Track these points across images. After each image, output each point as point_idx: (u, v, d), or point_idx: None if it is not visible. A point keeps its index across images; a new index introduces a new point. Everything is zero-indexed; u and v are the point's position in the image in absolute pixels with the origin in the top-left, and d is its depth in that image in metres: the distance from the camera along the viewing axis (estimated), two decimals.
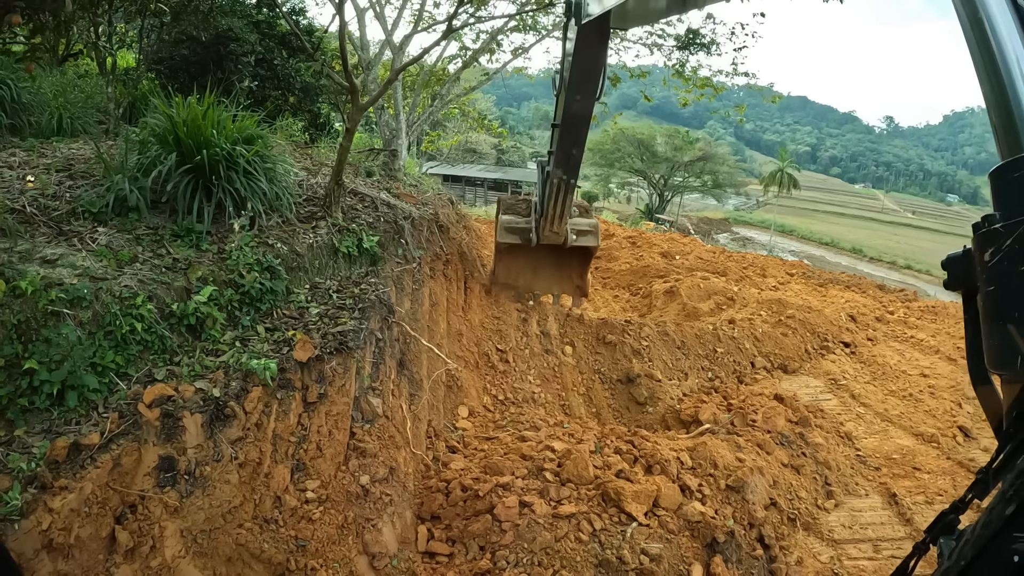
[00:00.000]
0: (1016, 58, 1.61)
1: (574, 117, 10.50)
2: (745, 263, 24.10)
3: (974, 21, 1.71)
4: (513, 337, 12.26)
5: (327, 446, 6.64)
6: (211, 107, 7.73)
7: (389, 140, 15.79)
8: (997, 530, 1.29)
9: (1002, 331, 1.48)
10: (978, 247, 1.59)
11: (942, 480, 10.37)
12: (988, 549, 1.31)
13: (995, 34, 1.65)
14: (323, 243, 8.35)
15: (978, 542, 1.34)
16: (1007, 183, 1.54)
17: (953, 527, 1.61)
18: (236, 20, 12.57)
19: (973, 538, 1.36)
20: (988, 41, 1.66)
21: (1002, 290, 1.49)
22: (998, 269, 1.49)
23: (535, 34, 18.96)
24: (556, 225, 12.49)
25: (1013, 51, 1.61)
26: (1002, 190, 1.56)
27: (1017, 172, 1.51)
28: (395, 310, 8.34)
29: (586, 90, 10.06)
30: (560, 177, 11.48)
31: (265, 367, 6.09)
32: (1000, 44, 1.64)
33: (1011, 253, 1.46)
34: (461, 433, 9.28)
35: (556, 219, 12.33)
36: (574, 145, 11.03)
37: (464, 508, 7.32)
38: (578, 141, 11.05)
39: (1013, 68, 1.60)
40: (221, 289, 6.80)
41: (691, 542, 7.41)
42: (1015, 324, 1.45)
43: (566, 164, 11.27)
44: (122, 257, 6.41)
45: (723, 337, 14.24)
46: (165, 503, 5.23)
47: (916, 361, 15.40)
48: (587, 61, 9.69)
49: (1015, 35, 1.63)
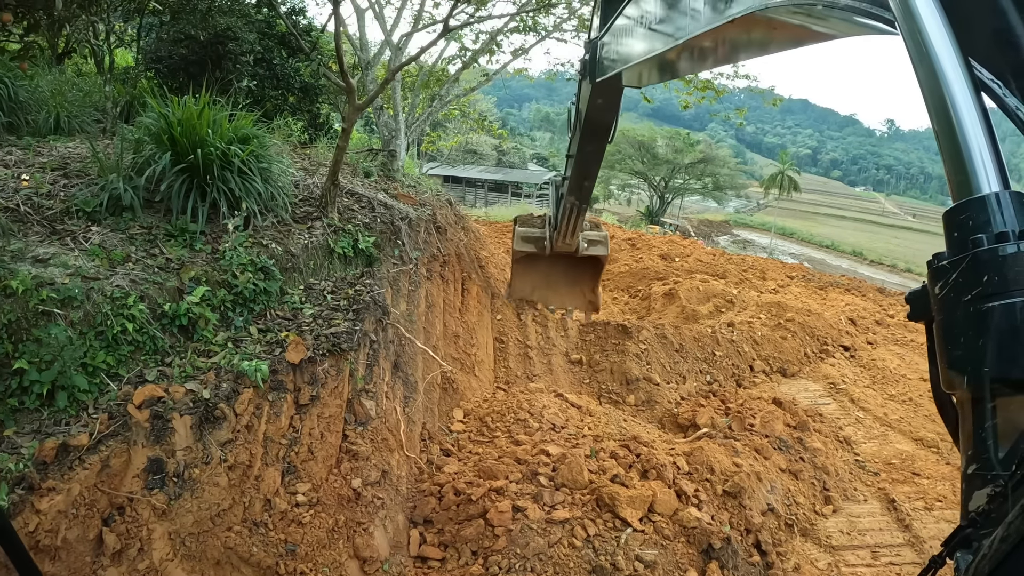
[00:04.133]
0: (970, 122, 1.75)
1: (587, 157, 11.58)
2: (745, 266, 24.02)
3: (933, 88, 1.86)
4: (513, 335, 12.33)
5: (319, 449, 6.59)
6: (206, 106, 7.68)
7: (388, 141, 15.73)
8: (1015, 544, 1.27)
9: (951, 355, 1.65)
10: (931, 281, 1.76)
11: (941, 485, 10.30)
12: (1006, 564, 1.29)
13: (952, 100, 1.79)
14: (318, 244, 8.29)
15: (995, 557, 1.31)
16: (955, 224, 1.70)
17: (970, 541, 1.59)
18: (235, 19, 12.53)
19: (991, 553, 1.33)
20: (945, 104, 1.80)
21: (949, 319, 1.66)
22: (946, 301, 1.67)
23: (535, 35, 18.91)
24: (569, 238, 13.73)
25: (967, 116, 1.75)
26: (951, 230, 1.72)
27: (963, 214, 1.68)
28: (390, 311, 8.28)
29: (598, 137, 11.02)
30: (573, 203, 12.76)
31: (256, 369, 6.04)
32: (956, 107, 1.78)
33: (956, 286, 1.64)
34: (456, 436, 9.22)
35: (569, 234, 13.59)
36: (586, 178, 12.23)
37: (457, 512, 7.26)
38: (589, 175, 12.22)
39: (967, 130, 1.74)
40: (214, 289, 6.75)
41: (687, 548, 7.35)
42: (960, 348, 1.61)
43: (578, 192, 12.56)
44: (115, 257, 6.37)
45: (722, 340, 14.19)
46: (153, 505, 5.19)
47: (916, 365, 15.33)
48: (599, 114, 10.48)
49: (969, 102, 1.77)
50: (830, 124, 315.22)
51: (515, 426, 9.31)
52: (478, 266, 13.01)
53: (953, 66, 1.83)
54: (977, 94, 1.80)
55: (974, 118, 1.75)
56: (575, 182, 12.24)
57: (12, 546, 1.99)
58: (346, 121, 9.35)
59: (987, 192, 1.66)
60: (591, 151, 11.44)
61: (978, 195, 1.67)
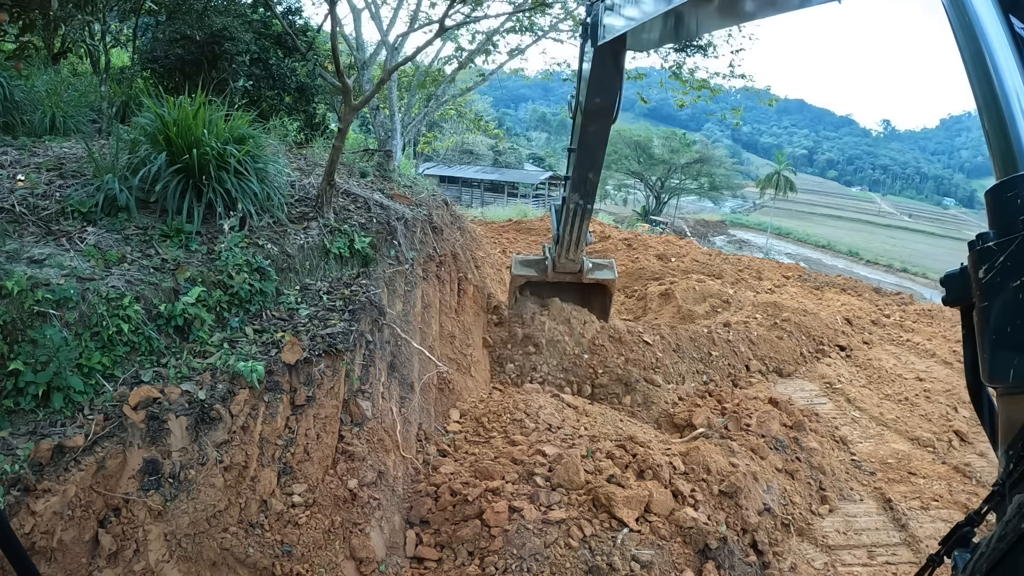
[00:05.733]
0: (1014, 87, 1.65)
1: (590, 140, 10.58)
2: (741, 266, 24.04)
3: (975, 52, 1.75)
4: None
5: (315, 449, 6.59)
6: (202, 106, 7.68)
7: (384, 141, 15.78)
8: (1013, 543, 1.27)
9: (995, 345, 1.53)
10: (973, 264, 1.63)
11: (938, 485, 10.31)
12: (1003, 563, 1.29)
13: (994, 64, 1.69)
14: (314, 244, 8.29)
15: (993, 556, 1.31)
16: (1001, 202, 1.58)
17: (968, 540, 1.59)
18: (231, 19, 12.56)
19: (988, 551, 1.33)
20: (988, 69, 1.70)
21: (995, 306, 1.54)
22: (992, 286, 1.54)
23: (531, 35, 18.96)
24: (572, 252, 12.54)
25: (1011, 81, 1.65)
26: (997, 209, 1.60)
27: (1011, 192, 1.56)
28: (386, 312, 8.27)
29: (601, 113, 10.07)
30: (576, 202, 11.56)
31: (252, 369, 6.04)
32: (999, 72, 1.67)
33: (1004, 270, 1.51)
34: (452, 436, 9.21)
35: (572, 246, 12.39)
36: (590, 169, 11.11)
37: (453, 513, 7.25)
38: (594, 165, 11.08)
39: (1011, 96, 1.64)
40: (210, 290, 6.75)
41: (683, 548, 7.34)
42: (1007, 338, 1.49)
43: (582, 188, 11.36)
44: (110, 257, 6.36)
45: (718, 340, 14.20)
46: (149, 507, 5.18)
47: (912, 365, 15.36)
48: (603, 83, 9.72)
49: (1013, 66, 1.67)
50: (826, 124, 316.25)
51: (511, 426, 9.30)
52: (474, 266, 12.98)
53: (997, 32, 1.74)
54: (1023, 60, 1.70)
55: (1020, 87, 1.66)
56: (579, 175, 11.25)
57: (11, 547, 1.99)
58: (342, 121, 9.35)
59: None
60: (594, 131, 10.49)
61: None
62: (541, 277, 13.27)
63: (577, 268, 13.01)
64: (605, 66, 9.46)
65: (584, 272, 13.17)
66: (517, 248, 21.98)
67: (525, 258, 13.71)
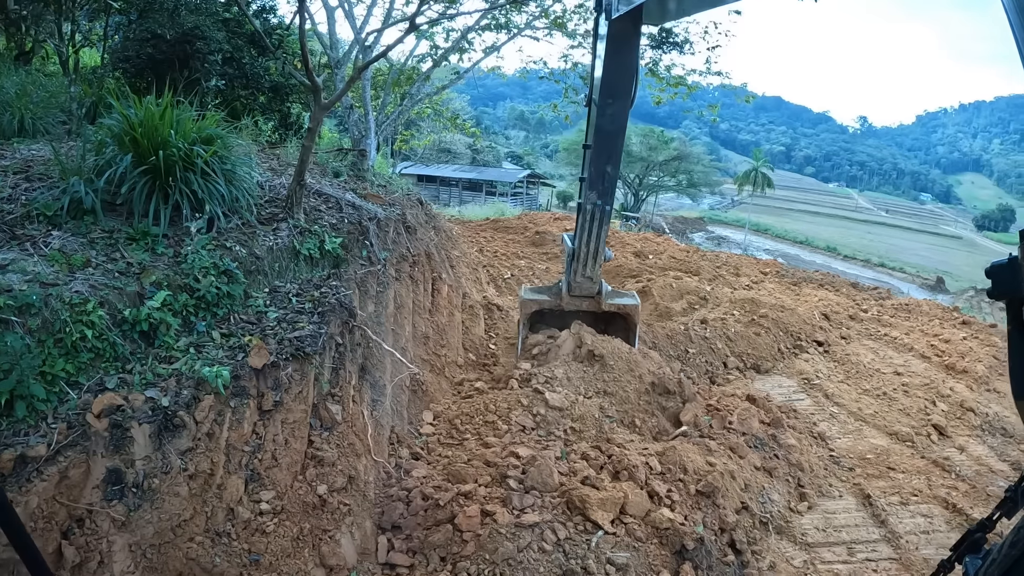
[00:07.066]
0: None
1: (607, 125, 10.06)
2: (719, 262, 24.03)
3: None
4: None
5: (283, 455, 6.50)
6: (169, 107, 7.56)
7: (358, 140, 15.68)
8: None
9: None
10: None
11: (917, 480, 10.32)
12: (1015, 569, 1.24)
13: None
14: (284, 245, 8.19)
15: (1004, 562, 1.26)
16: None
17: (979, 546, 1.54)
18: (203, 18, 12.41)
19: (1000, 558, 1.28)
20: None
21: None
22: None
23: (506, 33, 18.91)
24: (590, 268, 11.36)
25: None
26: None
27: None
28: (357, 314, 8.18)
29: (619, 93, 9.66)
30: (594, 203, 10.69)
31: (217, 374, 5.94)
32: None
33: None
34: (425, 439, 9.12)
35: (590, 259, 11.25)
36: (608, 161, 10.42)
37: (425, 518, 7.17)
38: (612, 156, 10.38)
39: None
40: (176, 294, 6.62)
41: (659, 550, 7.30)
42: None
43: (600, 186, 10.59)
44: (74, 262, 6.24)
45: (695, 337, 14.18)
46: (113, 517, 5.06)
47: (890, 359, 15.41)
48: (619, 60, 9.39)
49: None
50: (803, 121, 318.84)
51: (484, 428, 9.25)
52: (449, 266, 12.90)
53: None
54: None
55: None
56: (596, 170, 10.37)
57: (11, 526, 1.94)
58: (312, 120, 9.27)
59: None
60: (612, 115, 9.83)
61: None
62: (554, 303, 11.91)
63: (595, 290, 11.67)
64: (620, 41, 9.18)
65: (603, 297, 11.79)
66: (494, 247, 21.88)
67: (535, 287, 12.55)
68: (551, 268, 20.58)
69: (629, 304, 11.91)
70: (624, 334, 11.88)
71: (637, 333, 12.20)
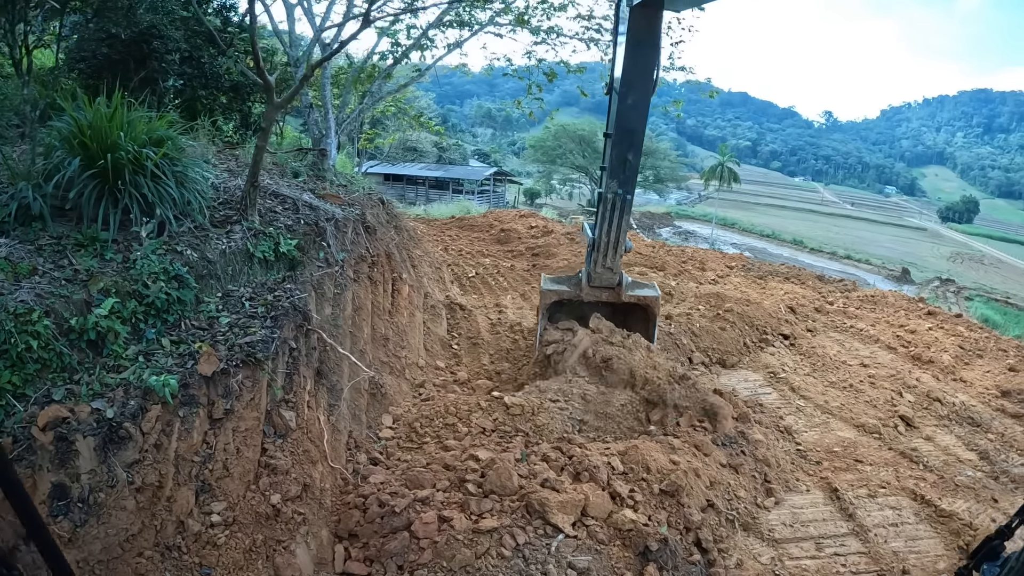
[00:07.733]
0: None
1: (628, 113, 10.13)
2: (684, 257, 24.01)
3: None
4: None
5: (235, 465, 6.30)
6: (119, 108, 7.34)
7: (319, 139, 15.46)
8: None
9: None
10: None
11: (885, 472, 10.27)
12: None
13: None
14: (237, 248, 7.99)
15: (1022, 570, 1.14)
16: None
17: (997, 553, 1.43)
18: (160, 17, 12.12)
19: (1018, 565, 1.16)
20: None
21: None
22: None
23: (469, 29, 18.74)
24: (611, 258, 11.48)
25: None
26: None
27: None
28: (312, 317, 8.00)
29: (640, 80, 9.73)
30: (615, 192, 10.78)
31: (164, 383, 5.73)
32: None
33: None
34: (384, 443, 8.94)
35: (611, 249, 11.36)
36: (629, 149, 10.49)
37: (381, 525, 6.97)
38: (634, 144, 10.48)
39: None
40: (124, 301, 6.41)
41: (623, 552, 7.17)
42: None
43: (621, 174, 10.65)
44: (20, 270, 6.03)
45: (660, 333, 14.09)
46: (58, 534, 4.86)
47: (856, 351, 15.43)
48: (640, 47, 9.44)
49: None
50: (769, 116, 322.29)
51: (444, 431, 9.09)
52: (410, 265, 12.73)
53: None
54: None
55: None
56: (616, 158, 10.43)
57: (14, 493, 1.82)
58: (264, 120, 9.09)
59: None
60: (633, 103, 9.92)
61: None
62: (574, 294, 11.96)
63: (615, 281, 11.78)
64: (641, 27, 9.21)
65: (623, 288, 11.92)
66: (459, 246, 21.75)
67: (555, 276, 12.61)
68: (516, 266, 20.46)
69: (650, 296, 12.08)
70: (643, 325, 12.18)
71: (656, 324, 12.36)
